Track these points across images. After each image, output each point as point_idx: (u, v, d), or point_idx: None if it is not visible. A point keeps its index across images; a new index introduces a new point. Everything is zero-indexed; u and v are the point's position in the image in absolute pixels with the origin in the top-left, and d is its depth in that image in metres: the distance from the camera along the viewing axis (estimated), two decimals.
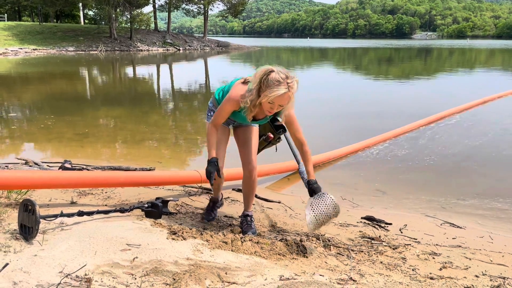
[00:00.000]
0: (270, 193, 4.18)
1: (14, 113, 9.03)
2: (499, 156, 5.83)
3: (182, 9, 51.01)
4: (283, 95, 2.46)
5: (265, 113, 2.68)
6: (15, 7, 52.40)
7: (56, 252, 2.19)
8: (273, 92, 2.44)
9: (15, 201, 3.08)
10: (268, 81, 2.46)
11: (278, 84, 2.44)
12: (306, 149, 2.84)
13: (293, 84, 2.48)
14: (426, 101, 11.01)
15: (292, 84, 2.48)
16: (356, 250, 2.72)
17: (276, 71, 2.47)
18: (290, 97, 2.50)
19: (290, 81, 2.47)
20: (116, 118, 8.64)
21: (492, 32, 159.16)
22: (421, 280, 2.28)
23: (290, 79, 2.48)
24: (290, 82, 2.47)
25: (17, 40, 35.51)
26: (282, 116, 2.71)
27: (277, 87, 2.44)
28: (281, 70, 2.50)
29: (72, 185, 3.31)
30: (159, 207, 3.00)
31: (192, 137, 7.07)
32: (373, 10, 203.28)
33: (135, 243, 2.37)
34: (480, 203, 4.12)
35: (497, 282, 2.34)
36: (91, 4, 41.86)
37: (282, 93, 2.45)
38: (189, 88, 14.68)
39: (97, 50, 36.76)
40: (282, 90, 2.44)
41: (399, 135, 6.70)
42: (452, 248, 2.89)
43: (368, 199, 4.21)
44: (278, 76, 2.45)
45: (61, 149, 6.02)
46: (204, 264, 2.22)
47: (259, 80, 2.49)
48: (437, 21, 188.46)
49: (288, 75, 2.49)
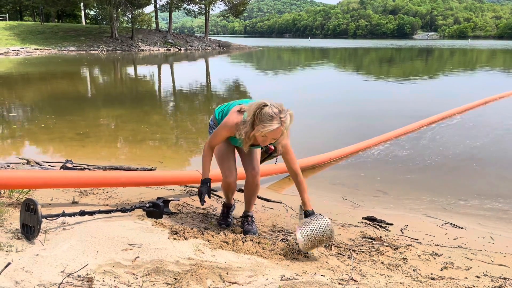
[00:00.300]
0: (271, 193, 4.18)
1: (16, 112, 9.04)
2: (500, 156, 5.82)
3: (183, 9, 51.03)
4: (276, 130, 2.51)
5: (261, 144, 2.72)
6: (17, 7, 52.46)
7: (57, 251, 2.20)
8: (265, 127, 2.50)
9: (17, 201, 3.09)
10: (261, 116, 2.51)
11: (271, 119, 2.49)
12: (301, 180, 2.82)
13: (286, 119, 2.52)
14: (427, 101, 11.00)
15: (285, 118, 2.52)
16: (357, 250, 2.72)
17: (270, 106, 2.52)
18: (282, 131, 2.55)
19: (283, 116, 2.51)
20: (117, 117, 8.65)
21: (494, 32, 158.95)
22: (422, 281, 2.28)
23: (283, 114, 2.52)
24: (283, 117, 2.51)
25: (19, 40, 35.54)
26: (279, 147, 2.74)
27: (270, 122, 2.49)
28: (274, 105, 2.54)
29: (74, 184, 3.32)
30: (161, 207, 3.01)
31: (193, 136, 7.08)
32: (374, 10, 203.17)
33: (136, 243, 2.38)
34: (481, 203, 4.12)
35: (498, 282, 2.34)
36: (92, 4, 41.87)
37: (275, 128, 2.50)
38: (190, 88, 14.68)
39: (98, 50, 36.79)
40: (275, 126, 2.49)
41: (400, 136, 6.70)
42: (453, 249, 2.89)
43: (369, 199, 4.21)
44: (271, 111, 2.49)
45: (62, 149, 6.03)
46: (205, 264, 2.22)
47: (253, 113, 2.54)
48: (438, 22, 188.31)
49: (281, 109, 2.53)
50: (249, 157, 2.92)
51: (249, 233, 2.85)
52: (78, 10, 52.57)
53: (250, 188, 2.96)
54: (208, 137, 2.97)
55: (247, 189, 2.99)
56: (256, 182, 2.91)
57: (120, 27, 41.68)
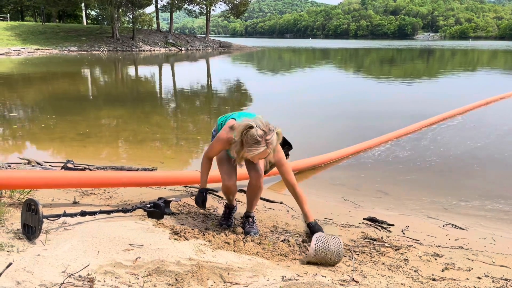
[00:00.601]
0: (272, 193, 4.18)
1: (17, 113, 9.05)
2: (501, 157, 5.82)
3: (184, 10, 51.07)
4: (262, 152, 2.55)
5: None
6: (18, 7, 52.52)
7: (59, 252, 2.20)
8: (251, 151, 2.54)
9: (18, 201, 3.09)
10: (247, 138, 2.54)
11: (256, 142, 2.52)
12: (298, 191, 2.83)
13: (271, 140, 2.55)
14: (428, 102, 10.99)
15: (270, 141, 2.54)
16: (358, 251, 2.72)
17: (255, 127, 2.53)
18: (268, 152, 2.58)
19: (268, 138, 2.54)
20: (118, 118, 8.65)
21: (495, 33, 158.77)
22: (423, 282, 2.28)
23: (269, 135, 2.54)
24: (269, 139, 2.54)
25: (20, 40, 35.57)
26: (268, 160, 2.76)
27: (255, 146, 2.53)
28: (260, 126, 2.55)
29: (75, 185, 3.32)
30: (161, 207, 3.01)
31: (194, 137, 7.07)
32: (375, 10, 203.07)
33: (137, 243, 2.38)
34: (482, 204, 4.11)
35: (499, 283, 2.34)
36: (93, 4, 41.91)
37: (260, 152, 2.54)
38: (191, 89, 14.69)
39: (99, 50, 36.82)
40: (261, 149, 2.54)
41: (401, 136, 6.69)
42: (455, 250, 2.88)
43: (370, 200, 4.21)
44: (256, 134, 2.52)
45: (63, 149, 6.04)
46: (206, 264, 2.22)
47: (240, 134, 2.58)
48: (439, 22, 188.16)
49: (266, 131, 2.54)
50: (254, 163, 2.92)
51: (250, 233, 2.85)
52: (79, 11, 52.64)
53: (253, 190, 2.95)
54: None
55: (249, 190, 2.98)
56: (259, 184, 2.91)
57: (121, 27, 41.68)
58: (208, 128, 7.60)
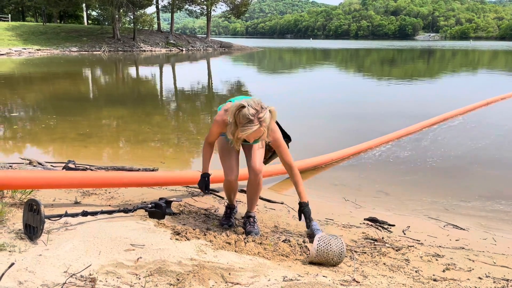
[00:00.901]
0: (273, 194, 4.18)
1: (18, 113, 9.07)
2: (502, 158, 5.82)
3: (185, 10, 51.09)
4: (256, 131, 2.54)
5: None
6: (19, 8, 52.60)
7: (60, 252, 2.20)
8: (244, 131, 2.53)
9: (20, 201, 3.10)
10: (240, 118, 2.54)
11: (248, 121, 2.52)
12: (295, 172, 2.87)
13: (264, 118, 2.53)
14: (429, 102, 11.00)
15: (263, 118, 2.53)
16: (359, 251, 2.72)
17: (247, 107, 2.53)
18: (262, 131, 2.57)
19: (261, 116, 2.53)
20: (119, 118, 8.66)
21: (496, 33, 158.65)
22: (424, 282, 2.28)
23: (262, 113, 2.53)
24: (261, 117, 2.53)
25: (21, 40, 35.60)
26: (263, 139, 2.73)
27: (248, 125, 2.52)
28: (252, 104, 2.54)
29: (76, 185, 3.33)
30: (163, 207, 3.01)
31: (195, 137, 7.08)
32: (376, 11, 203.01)
33: (139, 243, 2.38)
34: (483, 205, 4.11)
35: (500, 284, 2.34)
36: (94, 4, 41.94)
37: (253, 130, 2.53)
38: (191, 89, 14.70)
39: (100, 50, 36.84)
40: (254, 128, 2.52)
41: (402, 137, 6.70)
42: (455, 250, 2.89)
43: (371, 200, 4.21)
44: (248, 113, 2.51)
45: (64, 149, 6.04)
46: (207, 264, 2.22)
47: (233, 115, 2.58)
48: (440, 22, 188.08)
49: (258, 109, 2.53)
50: (252, 156, 2.93)
51: (251, 234, 2.85)
52: (80, 11, 52.65)
53: (252, 187, 2.96)
54: None
55: (249, 188, 2.99)
56: (258, 180, 2.91)
57: (122, 27, 41.70)
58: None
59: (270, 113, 2.57)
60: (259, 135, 2.59)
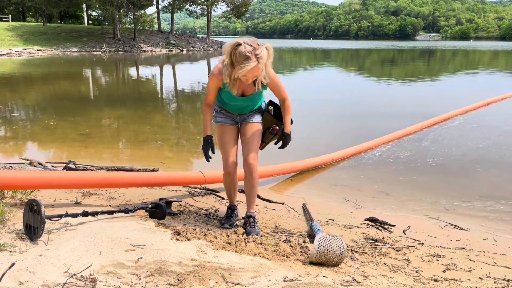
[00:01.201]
0: (273, 194, 4.18)
1: (18, 113, 9.07)
2: (502, 158, 5.81)
3: (185, 10, 51.10)
4: (254, 68, 2.52)
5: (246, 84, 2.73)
6: (19, 8, 52.62)
7: (61, 252, 2.20)
8: (242, 68, 2.51)
9: (20, 201, 3.10)
10: (236, 56, 2.51)
11: (246, 58, 2.49)
12: (287, 103, 2.96)
13: (262, 54, 2.52)
14: (429, 102, 10.98)
15: (260, 55, 2.52)
16: (359, 251, 2.72)
17: (243, 44, 2.51)
18: (261, 68, 2.55)
19: (258, 52, 2.51)
20: (120, 118, 8.66)
21: (496, 33, 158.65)
22: (424, 282, 2.28)
23: (259, 50, 2.51)
24: (259, 54, 2.51)
25: (21, 40, 35.64)
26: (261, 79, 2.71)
27: (246, 62, 2.49)
28: (248, 42, 2.53)
29: (77, 185, 3.33)
30: (163, 207, 3.01)
31: (195, 137, 7.08)
32: (376, 11, 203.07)
33: (139, 244, 2.38)
34: (483, 205, 4.11)
35: (501, 284, 2.34)
36: (95, 5, 41.93)
37: (252, 67, 2.51)
38: (192, 89, 14.71)
39: (100, 50, 36.87)
40: (252, 64, 2.50)
41: (402, 137, 6.69)
42: (456, 250, 2.88)
43: (371, 200, 4.21)
44: (245, 50, 2.49)
45: (65, 150, 6.04)
46: (208, 265, 2.22)
47: (229, 54, 2.55)
48: (440, 23, 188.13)
49: (255, 46, 2.52)
50: (246, 147, 2.94)
51: (252, 234, 2.84)
52: (80, 11, 52.70)
53: (248, 181, 2.96)
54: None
55: (245, 183, 3.00)
56: (253, 174, 2.92)
57: (122, 28, 41.73)
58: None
59: (266, 50, 2.56)
60: (257, 73, 2.58)
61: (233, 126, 2.98)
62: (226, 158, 2.96)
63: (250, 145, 2.93)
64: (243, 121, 2.99)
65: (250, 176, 2.93)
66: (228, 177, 3.02)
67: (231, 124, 2.97)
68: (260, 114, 3.00)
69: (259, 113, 3.01)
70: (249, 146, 2.93)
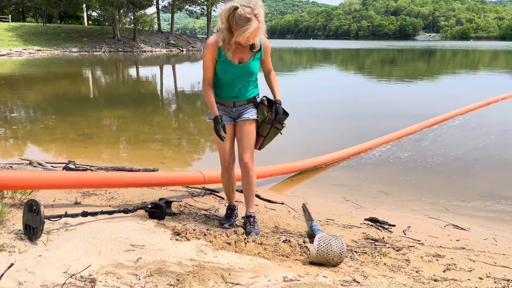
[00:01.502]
0: (273, 194, 4.18)
1: (18, 113, 9.07)
2: (502, 158, 5.81)
3: (185, 10, 51.12)
4: (256, 28, 2.52)
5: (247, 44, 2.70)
6: (19, 8, 52.66)
7: (60, 252, 2.20)
8: (246, 31, 2.49)
9: (20, 202, 3.10)
10: (236, 20, 2.49)
11: (247, 20, 2.48)
12: (273, 75, 3.00)
13: (260, 13, 2.52)
14: (430, 102, 10.98)
15: (259, 14, 2.51)
16: (359, 251, 2.72)
17: (241, 7, 2.49)
18: (261, 27, 2.55)
19: (256, 12, 2.50)
20: (120, 118, 8.66)
21: (496, 33, 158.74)
22: (424, 282, 2.28)
23: (256, 10, 2.51)
24: (257, 13, 2.51)
25: (21, 41, 35.65)
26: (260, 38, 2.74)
27: (248, 24, 2.48)
28: (243, 3, 2.51)
29: (76, 185, 3.32)
30: (163, 207, 3.01)
31: (195, 138, 7.08)
32: (376, 11, 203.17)
33: (139, 244, 2.38)
34: (483, 205, 4.11)
35: (501, 284, 2.34)
36: (94, 5, 41.99)
37: (254, 28, 2.50)
38: (192, 89, 14.70)
39: (100, 51, 36.89)
40: (254, 26, 2.50)
41: (402, 137, 6.69)
42: (456, 250, 2.88)
43: (371, 200, 4.20)
44: (244, 12, 2.48)
45: (64, 150, 6.04)
46: (207, 265, 2.22)
47: (226, 19, 2.53)
48: (440, 23, 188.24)
49: (252, 6, 2.50)
50: (241, 145, 2.93)
51: (251, 234, 2.84)
52: (80, 11, 52.71)
53: (245, 180, 2.96)
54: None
55: (243, 182, 3.00)
56: (248, 170, 2.91)
57: (122, 28, 41.75)
58: (209, 129, 7.59)
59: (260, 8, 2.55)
60: (258, 32, 2.57)
61: (229, 124, 2.96)
62: (223, 155, 2.98)
63: (245, 144, 2.92)
64: (238, 118, 2.95)
65: (246, 174, 2.93)
66: (225, 174, 3.04)
67: (227, 122, 2.95)
68: (255, 107, 2.97)
69: (254, 106, 2.96)
70: (245, 145, 2.92)
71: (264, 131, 2.99)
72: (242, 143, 2.92)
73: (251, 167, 2.92)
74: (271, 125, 2.96)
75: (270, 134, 3.01)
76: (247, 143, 2.92)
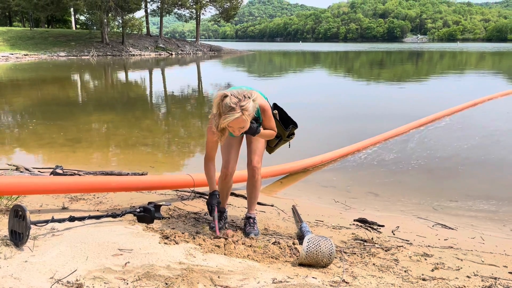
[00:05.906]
0: (263, 196, 4.16)
1: (5, 118, 8.95)
2: (488, 158, 5.88)
3: (174, 14, 50.98)
4: (238, 119, 2.54)
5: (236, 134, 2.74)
6: (6, 12, 52.07)
7: (47, 258, 2.17)
8: (226, 119, 2.54)
9: (6, 207, 3.05)
10: (223, 107, 2.55)
11: (230, 109, 2.53)
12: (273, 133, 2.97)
13: (247, 106, 2.54)
14: (417, 103, 11.09)
15: (246, 106, 2.54)
16: (348, 252, 2.73)
17: (230, 96, 2.54)
18: (245, 120, 2.56)
19: (243, 104, 2.53)
20: (108, 123, 8.60)
21: (482, 35, 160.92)
22: (413, 282, 2.29)
23: (244, 102, 2.54)
24: (244, 106, 2.53)
25: (8, 45, 35.25)
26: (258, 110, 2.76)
27: (230, 113, 2.53)
28: (235, 94, 2.56)
29: (64, 190, 3.29)
30: (151, 211, 2.99)
31: (185, 141, 7.05)
32: (365, 14, 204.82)
33: (127, 248, 2.36)
34: (471, 204, 4.15)
35: (488, 282, 2.36)
36: (82, 9, 41.64)
37: (235, 118, 2.53)
38: (181, 93, 14.66)
39: (89, 55, 36.62)
40: (236, 115, 2.53)
41: (390, 138, 6.74)
42: (444, 249, 2.90)
43: (360, 201, 4.22)
44: (230, 102, 2.53)
45: (52, 155, 5.98)
46: (196, 268, 2.21)
47: (216, 106, 2.60)
48: (427, 25, 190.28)
49: (241, 98, 2.54)
50: (250, 149, 2.98)
51: (250, 234, 2.88)
52: (68, 15, 52.29)
53: (250, 183, 3.02)
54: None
55: (248, 184, 3.05)
56: (256, 177, 2.97)
57: (111, 32, 41.52)
58: (199, 132, 7.58)
59: (253, 102, 2.58)
60: (242, 124, 2.59)
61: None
62: (227, 160, 2.99)
63: (255, 148, 2.98)
64: None
65: (252, 178, 2.99)
66: (224, 179, 3.04)
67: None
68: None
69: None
70: (254, 149, 2.97)
71: (272, 143, 3.13)
72: (253, 148, 2.97)
73: (258, 171, 2.98)
74: (279, 139, 3.10)
75: (279, 145, 3.17)
76: (257, 147, 2.98)
